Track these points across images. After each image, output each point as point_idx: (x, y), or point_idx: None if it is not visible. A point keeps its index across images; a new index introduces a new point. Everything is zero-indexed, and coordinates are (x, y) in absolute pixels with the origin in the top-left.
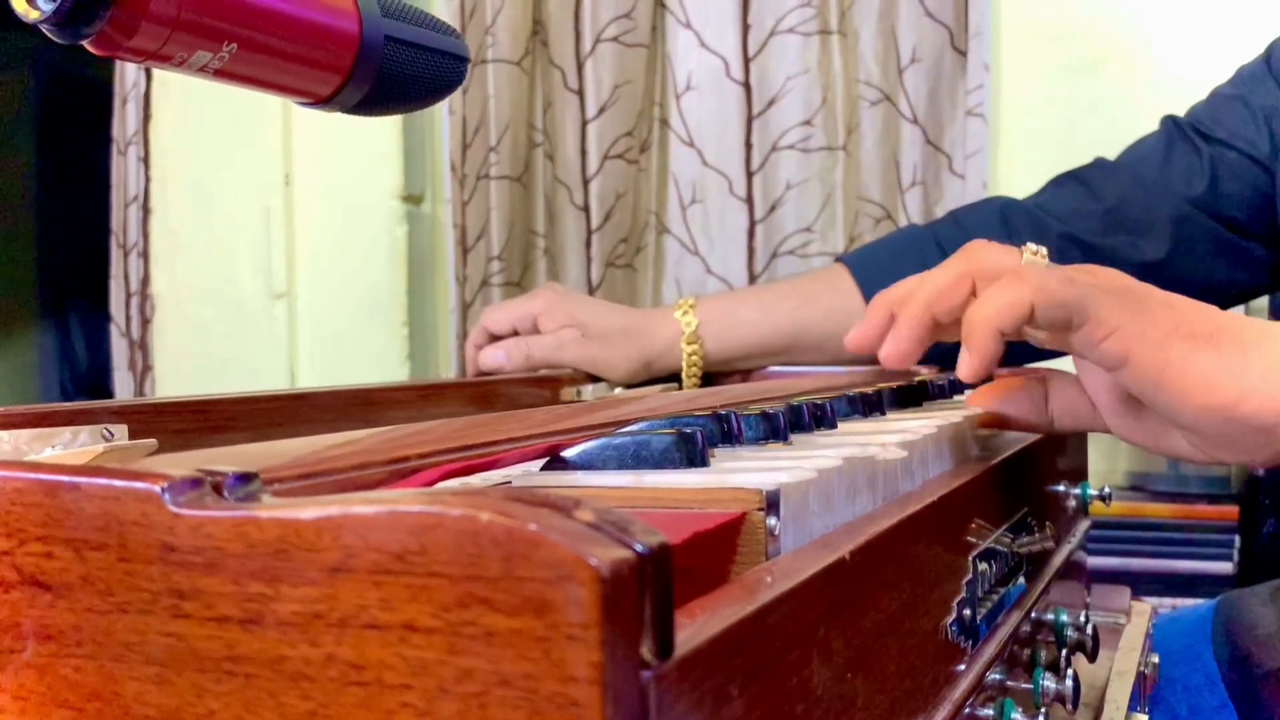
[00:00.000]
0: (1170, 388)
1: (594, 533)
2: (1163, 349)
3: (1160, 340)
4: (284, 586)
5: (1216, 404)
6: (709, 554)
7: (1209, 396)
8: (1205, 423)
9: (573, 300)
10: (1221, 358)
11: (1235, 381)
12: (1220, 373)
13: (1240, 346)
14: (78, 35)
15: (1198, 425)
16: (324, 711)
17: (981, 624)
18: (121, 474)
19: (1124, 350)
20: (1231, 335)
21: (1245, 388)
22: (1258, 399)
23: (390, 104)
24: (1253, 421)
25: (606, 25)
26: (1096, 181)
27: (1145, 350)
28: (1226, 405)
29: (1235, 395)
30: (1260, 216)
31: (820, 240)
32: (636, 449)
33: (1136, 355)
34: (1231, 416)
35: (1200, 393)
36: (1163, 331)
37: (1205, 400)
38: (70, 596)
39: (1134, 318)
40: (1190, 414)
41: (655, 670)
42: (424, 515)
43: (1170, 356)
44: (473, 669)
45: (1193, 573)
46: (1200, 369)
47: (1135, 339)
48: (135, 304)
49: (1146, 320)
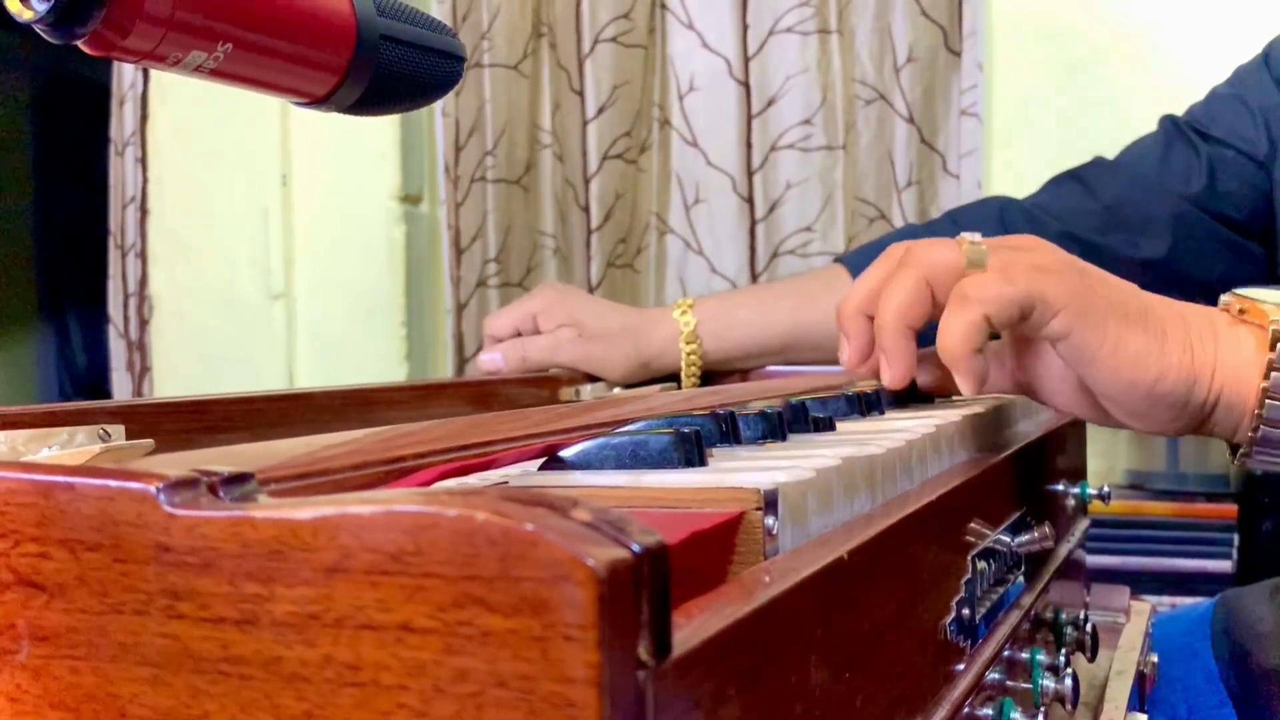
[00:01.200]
0: (1103, 364)
1: (591, 532)
2: (1100, 325)
3: (1099, 317)
4: (279, 587)
5: (1142, 379)
6: (707, 554)
7: (1136, 373)
8: (1129, 395)
9: (571, 299)
10: (1148, 338)
11: (1158, 361)
12: (1147, 353)
13: (1162, 328)
14: (72, 35)
15: (1122, 397)
16: (320, 712)
17: (980, 623)
18: (116, 474)
19: (1067, 327)
20: (1156, 318)
21: (1165, 366)
22: (1174, 376)
23: (387, 103)
24: (1168, 398)
25: (605, 26)
26: (1095, 180)
27: (1086, 326)
28: (1150, 381)
29: (1157, 373)
30: (1258, 215)
31: (821, 240)
32: (634, 449)
33: (1078, 332)
34: (1152, 392)
35: (1129, 369)
36: (1101, 310)
37: (1132, 376)
38: (65, 597)
39: (1077, 296)
40: (1118, 387)
41: (652, 670)
42: (420, 515)
43: (1106, 335)
44: (469, 669)
45: (1192, 571)
46: (1131, 349)
47: (1077, 316)
48: (133, 305)
49: (1087, 299)
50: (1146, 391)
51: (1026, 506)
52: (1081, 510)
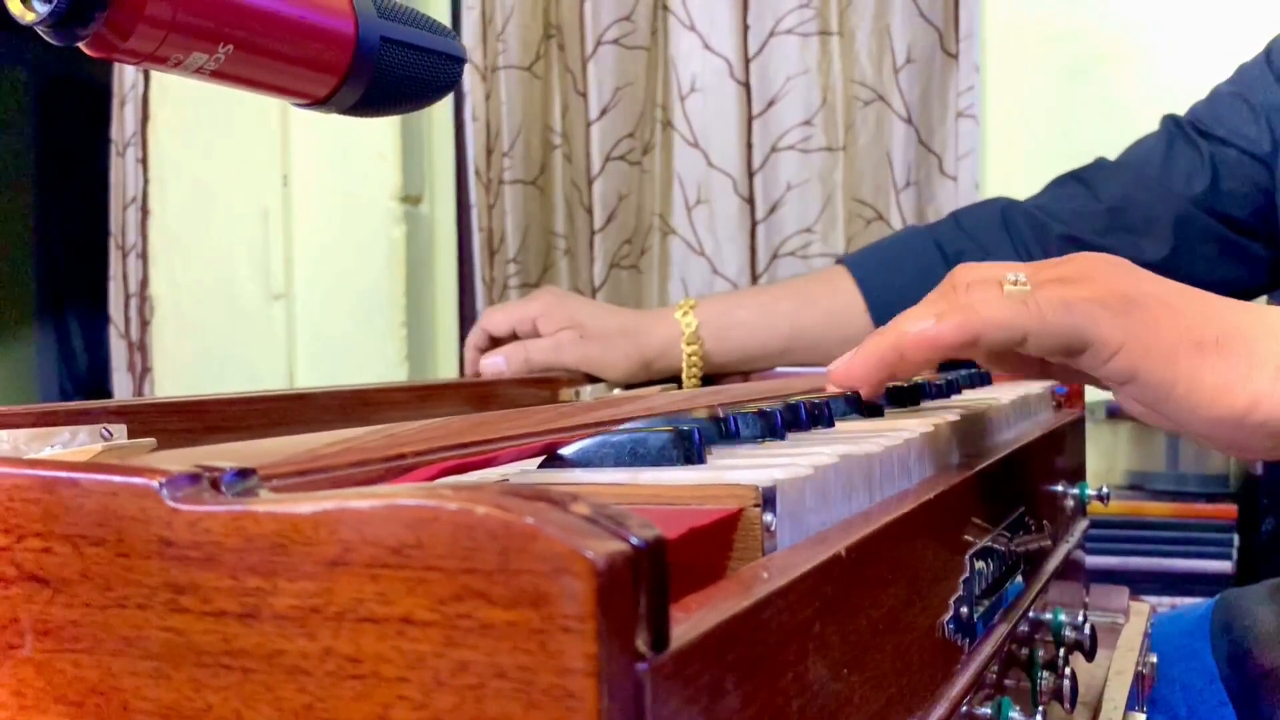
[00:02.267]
0: (1180, 403)
1: (590, 526)
2: (1170, 364)
3: (1166, 354)
4: (281, 581)
5: (1228, 415)
6: (705, 549)
7: (1219, 409)
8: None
9: (571, 302)
10: (1230, 365)
11: (1246, 389)
12: (1230, 382)
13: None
14: (73, 37)
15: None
16: (321, 705)
17: (979, 622)
18: (119, 469)
19: (1130, 369)
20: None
21: (1257, 394)
22: (1269, 404)
23: (387, 105)
24: (1265, 428)
25: (607, 28)
26: (1097, 181)
27: (1153, 368)
28: (1238, 416)
29: (1247, 404)
30: (1261, 215)
31: (821, 241)
32: (633, 446)
33: (1144, 373)
34: (1243, 424)
35: (1210, 405)
36: (1168, 343)
37: (1215, 413)
38: (69, 592)
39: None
40: (1201, 426)
41: (650, 663)
42: (421, 509)
43: (1179, 372)
44: (469, 661)
45: (1191, 572)
46: (1210, 381)
47: (1141, 356)
48: (134, 305)
49: (1150, 334)
50: (1236, 424)
51: (1025, 506)
52: (1080, 511)
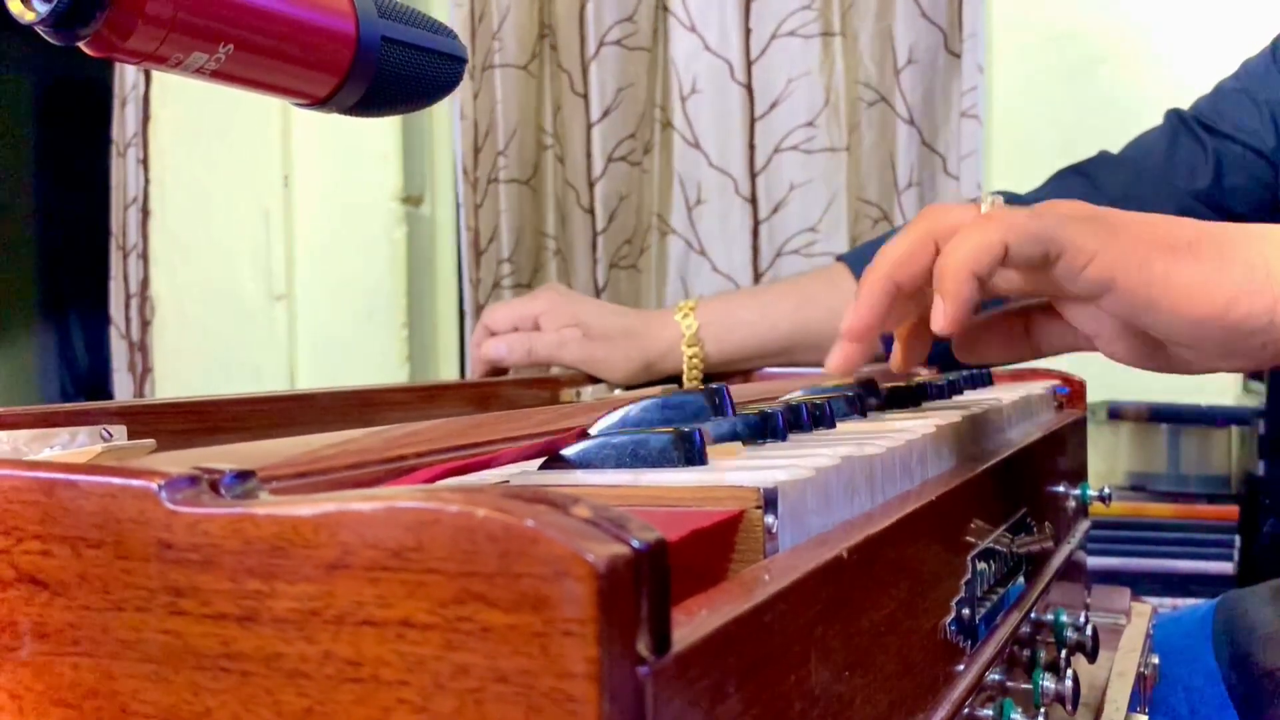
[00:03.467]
0: (1159, 305)
1: (591, 529)
2: (1145, 267)
3: (1142, 258)
4: (281, 583)
5: (1208, 313)
6: (707, 552)
7: (1199, 307)
8: (1201, 334)
9: (575, 301)
10: (1204, 265)
11: (1222, 286)
12: (1205, 280)
13: (1220, 250)
14: (74, 37)
15: (1194, 338)
16: (321, 708)
17: (980, 624)
18: (118, 471)
19: (1108, 274)
20: (1210, 240)
21: (1233, 290)
22: (1247, 299)
23: (387, 105)
24: (1246, 324)
25: (609, 29)
26: (1099, 175)
27: (1129, 271)
28: (1218, 312)
29: (1225, 300)
30: (1264, 209)
31: (825, 240)
32: (634, 448)
33: (1121, 277)
34: (1225, 323)
35: (1190, 304)
36: (1143, 248)
37: (1196, 311)
38: (67, 594)
39: (1111, 239)
40: (1185, 328)
41: (652, 666)
42: (421, 511)
43: (1154, 273)
44: (469, 665)
45: (1193, 573)
46: (1186, 280)
47: (1117, 260)
48: (135, 306)
49: (1125, 239)
50: (1218, 324)
51: (1027, 507)
52: (1082, 511)
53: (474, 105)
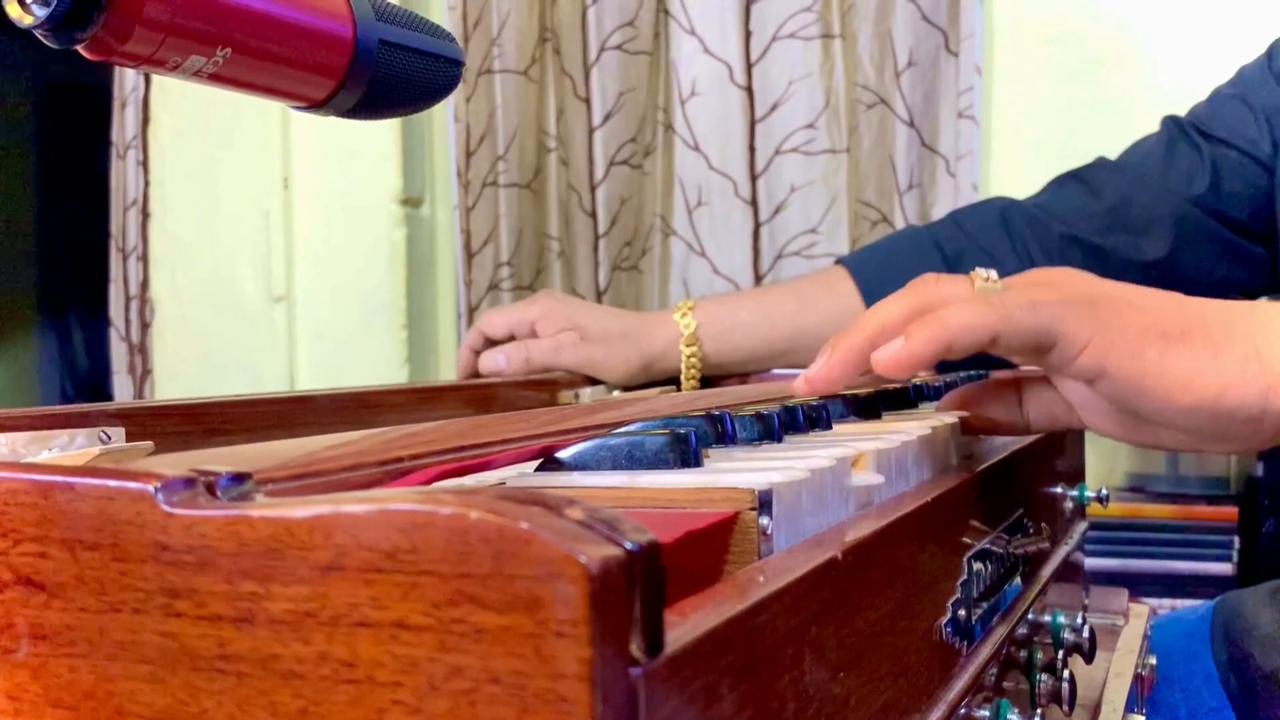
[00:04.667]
0: (1151, 393)
1: (584, 531)
2: (1137, 356)
3: (1133, 347)
4: (276, 585)
5: (1200, 402)
6: (701, 553)
7: (1190, 395)
8: (1193, 421)
9: (571, 305)
10: (1197, 354)
11: (1214, 376)
12: (1198, 370)
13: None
14: (72, 40)
15: (1186, 424)
16: (316, 709)
17: (977, 625)
18: (115, 474)
19: (1099, 364)
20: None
21: (1225, 380)
22: (1239, 389)
23: (385, 108)
24: (1239, 413)
25: (610, 34)
26: (1097, 181)
27: (1121, 360)
28: (1210, 401)
29: (1217, 390)
30: (1261, 216)
31: (826, 242)
32: (630, 449)
33: (1113, 367)
34: (1217, 411)
35: (1182, 393)
36: (1133, 336)
37: (1187, 400)
38: (64, 596)
39: (1104, 328)
40: (1176, 415)
41: (645, 667)
42: (415, 514)
43: (1146, 363)
44: (463, 666)
45: (1192, 574)
46: (1178, 369)
47: (1108, 350)
48: (135, 308)
49: (1116, 328)
50: (1211, 412)
51: (1024, 509)
52: (1080, 513)
53: (467, 109)
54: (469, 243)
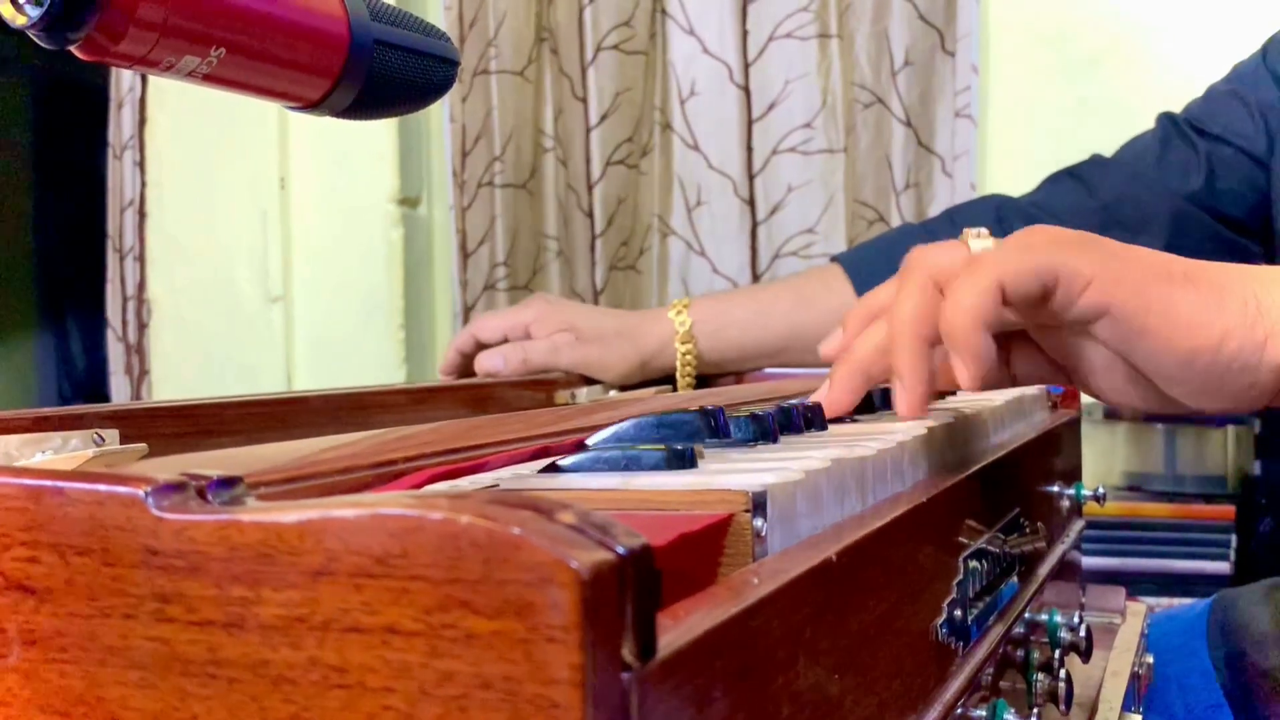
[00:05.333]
0: (1154, 333)
1: (575, 535)
2: (1141, 293)
3: (1138, 283)
4: (266, 590)
5: (1201, 345)
6: (695, 556)
7: (1193, 338)
8: (1191, 368)
9: (564, 307)
10: (1199, 296)
11: (1218, 319)
12: (1201, 311)
13: (1214, 283)
14: (65, 40)
15: (1183, 371)
16: (306, 715)
17: (973, 625)
18: (105, 478)
19: (1104, 299)
20: (1203, 273)
21: (1227, 325)
22: (1240, 335)
23: (381, 107)
24: (1237, 360)
25: (607, 34)
26: (1093, 178)
27: (1126, 296)
28: (1211, 346)
29: (1219, 334)
30: (1256, 213)
31: (823, 241)
32: (628, 464)
33: (1118, 303)
34: (1217, 358)
35: (1184, 334)
36: (1138, 273)
37: (1190, 342)
38: (55, 601)
39: (1106, 264)
40: (1176, 359)
41: (637, 672)
42: (405, 518)
43: (1150, 299)
44: (454, 671)
45: (1189, 572)
46: (1182, 309)
47: (1113, 285)
48: (132, 308)
49: (1119, 265)
50: (1211, 359)
51: (1020, 508)
52: (1076, 511)
53: (462, 109)
54: (464, 243)
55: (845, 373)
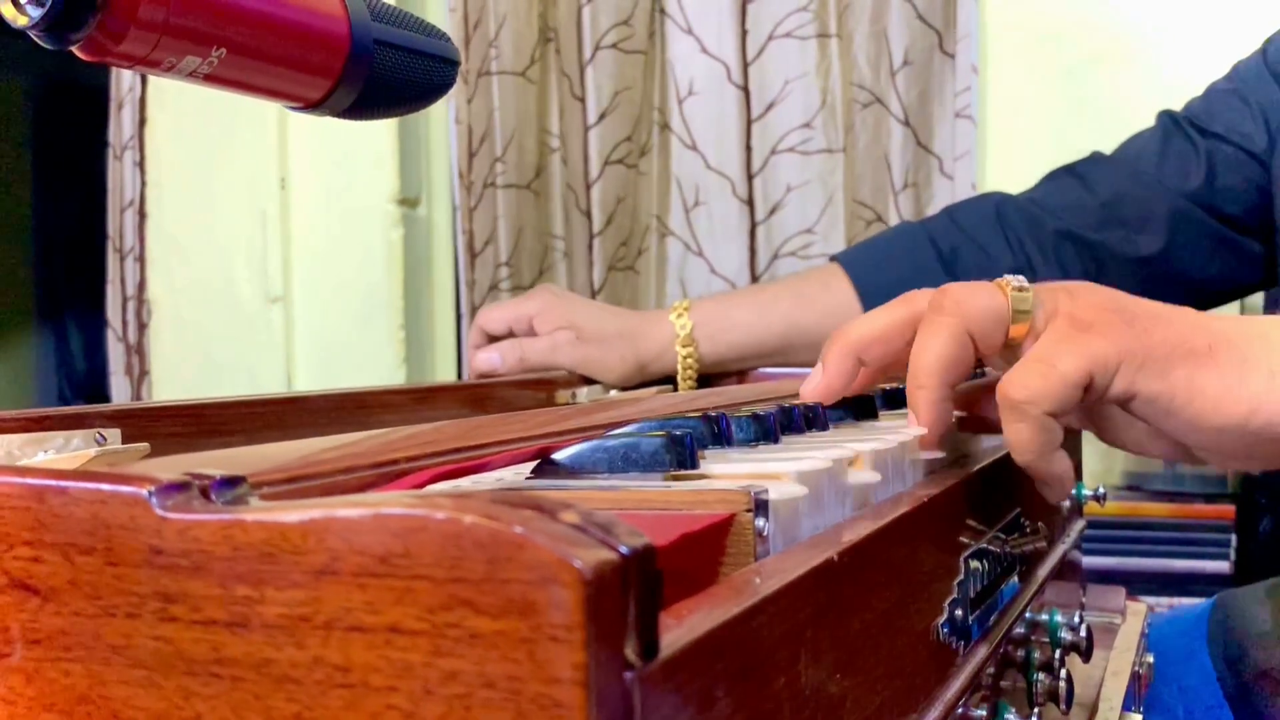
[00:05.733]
0: (1180, 414)
1: (578, 534)
2: (1166, 376)
3: (1162, 366)
4: (270, 589)
5: (1230, 423)
6: (697, 555)
7: (1220, 417)
8: (1222, 441)
9: (568, 302)
10: (1224, 372)
11: (1244, 396)
12: (1227, 390)
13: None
14: (66, 41)
15: (1214, 445)
16: (309, 714)
17: (974, 624)
18: (109, 478)
19: (1129, 383)
20: (1228, 345)
21: (1255, 398)
22: (1268, 408)
23: (381, 108)
24: (1266, 433)
25: (605, 32)
26: (1092, 176)
27: (1150, 381)
28: (1239, 423)
29: (1247, 410)
30: (1256, 211)
31: (822, 242)
32: (626, 451)
33: (1143, 386)
34: (1246, 432)
35: (1211, 414)
36: (1162, 356)
37: (1217, 421)
38: (58, 600)
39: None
40: (1205, 436)
41: (639, 671)
42: (408, 518)
43: (1175, 383)
44: (457, 671)
45: (1190, 572)
46: (1208, 390)
47: (1137, 370)
48: (132, 308)
49: (1144, 348)
50: (1239, 433)
51: (1021, 507)
52: (1077, 511)
53: (468, 110)
54: (471, 243)
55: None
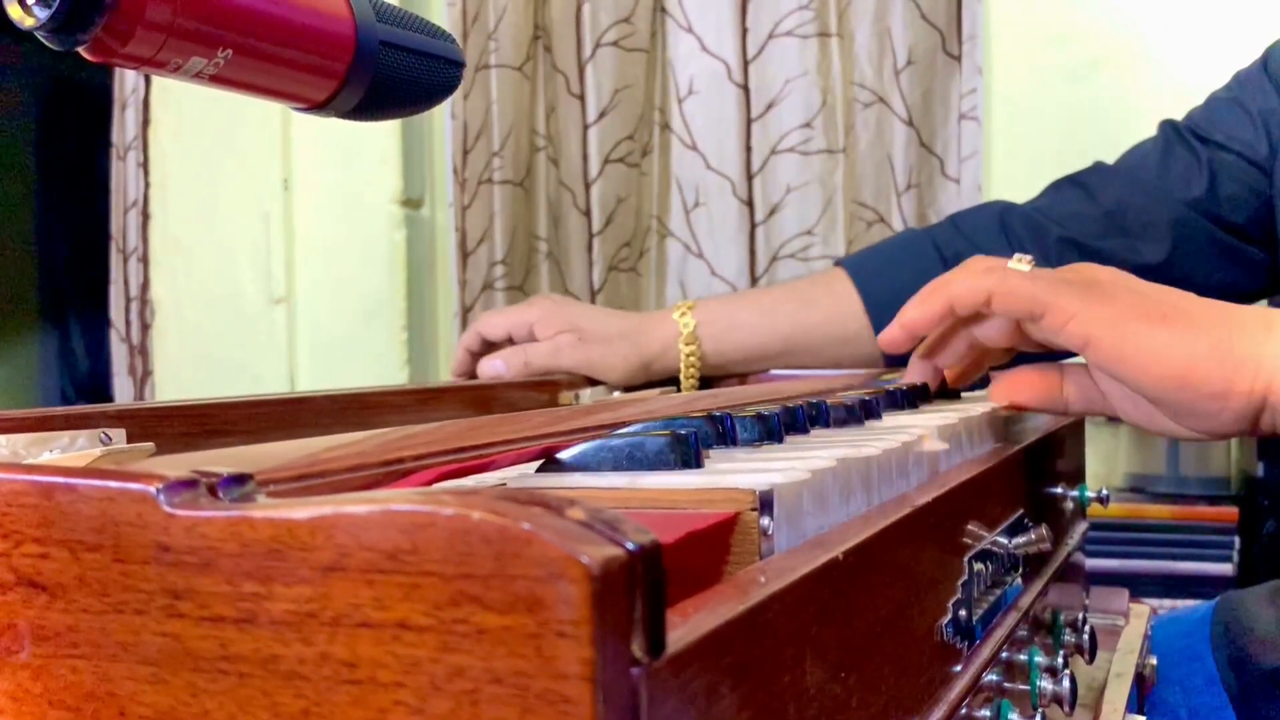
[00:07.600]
0: (1129, 362)
1: (585, 531)
2: (1118, 328)
3: (1116, 319)
4: (277, 586)
5: (1170, 373)
6: (703, 554)
7: (1162, 367)
8: (1164, 392)
9: (569, 307)
10: (1172, 333)
11: (1184, 353)
12: (1169, 345)
13: (1191, 323)
14: (73, 42)
15: (1160, 396)
16: (317, 710)
17: (977, 625)
18: (117, 475)
19: (1084, 333)
20: (1184, 314)
21: (1194, 358)
22: (1205, 367)
23: (386, 109)
24: (1203, 388)
25: (606, 30)
26: (1095, 185)
27: (1103, 332)
28: (1179, 374)
29: (1185, 364)
30: (1258, 219)
31: (821, 243)
32: (631, 450)
33: (1096, 336)
34: (1185, 384)
35: (1155, 364)
36: (1117, 313)
37: (1160, 370)
38: (66, 597)
39: (1090, 303)
40: (1150, 385)
41: (646, 667)
42: (416, 514)
43: (1125, 335)
44: (465, 667)
45: (1193, 574)
46: (1152, 343)
47: (1092, 322)
48: (135, 309)
49: (1102, 304)
50: (1179, 384)
51: (1025, 509)
52: (1080, 513)
53: (464, 106)
54: (464, 241)
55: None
